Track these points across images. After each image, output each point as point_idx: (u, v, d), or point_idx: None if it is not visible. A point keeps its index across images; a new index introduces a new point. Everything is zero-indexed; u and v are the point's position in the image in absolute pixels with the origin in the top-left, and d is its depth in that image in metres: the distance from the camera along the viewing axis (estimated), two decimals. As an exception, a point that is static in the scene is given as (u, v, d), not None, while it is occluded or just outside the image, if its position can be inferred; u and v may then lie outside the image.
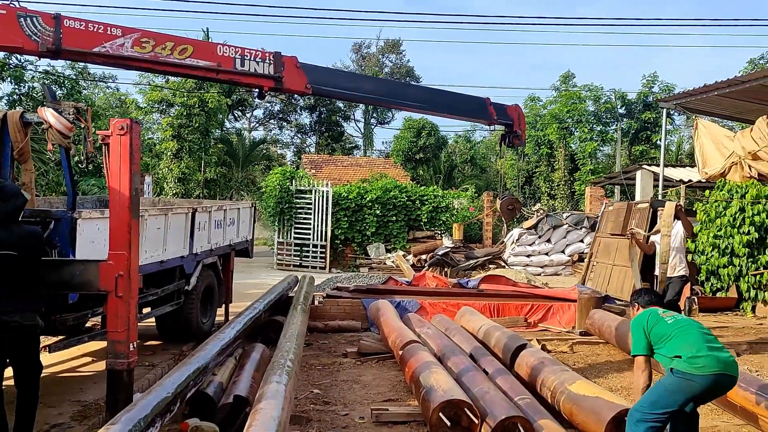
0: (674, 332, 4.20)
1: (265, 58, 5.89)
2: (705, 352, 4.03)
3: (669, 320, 4.31)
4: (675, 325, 4.26)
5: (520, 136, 7.61)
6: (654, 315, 4.39)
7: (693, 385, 4.00)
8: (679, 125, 33.95)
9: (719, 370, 4.01)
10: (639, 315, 4.53)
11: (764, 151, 6.52)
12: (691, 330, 4.20)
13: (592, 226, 18.14)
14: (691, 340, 4.11)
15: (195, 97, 25.64)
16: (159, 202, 11.22)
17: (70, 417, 5.51)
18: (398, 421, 5.33)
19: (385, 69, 48.98)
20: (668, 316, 4.37)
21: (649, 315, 4.41)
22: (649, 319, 4.37)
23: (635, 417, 4.09)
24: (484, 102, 7.32)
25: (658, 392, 4.11)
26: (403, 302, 9.90)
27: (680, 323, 4.28)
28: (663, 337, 4.24)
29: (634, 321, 4.50)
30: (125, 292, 4.79)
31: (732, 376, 4.09)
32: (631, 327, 4.51)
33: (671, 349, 4.15)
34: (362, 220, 20.27)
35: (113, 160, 4.84)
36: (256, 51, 5.89)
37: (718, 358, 4.03)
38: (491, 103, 7.38)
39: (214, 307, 9.27)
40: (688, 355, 4.04)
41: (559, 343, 8.58)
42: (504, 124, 7.58)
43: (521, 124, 7.62)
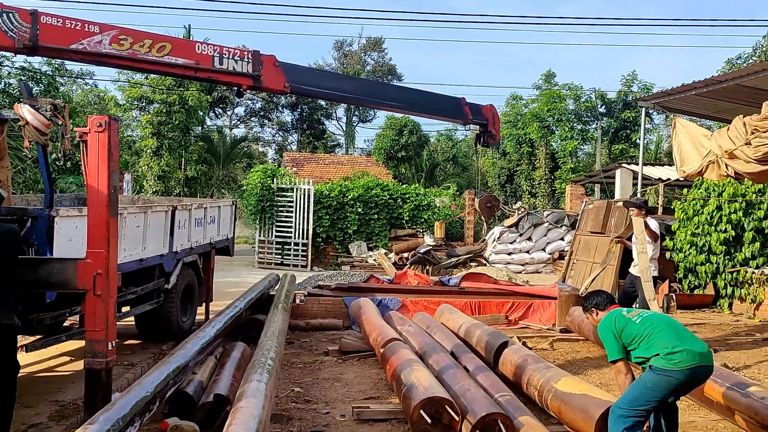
0: (645, 331, 4.22)
1: (244, 56, 5.89)
2: (680, 347, 4.07)
3: (636, 320, 4.32)
4: (644, 324, 4.27)
5: (495, 135, 7.72)
6: (620, 317, 4.38)
7: (672, 381, 4.05)
8: (658, 124, 34.28)
9: (696, 363, 4.06)
10: (604, 320, 4.49)
11: (741, 149, 6.60)
12: (662, 326, 4.23)
13: (572, 224, 18.26)
14: (665, 337, 4.14)
15: (175, 95, 25.44)
16: (138, 200, 11.12)
17: (47, 417, 5.45)
18: (379, 418, 5.34)
19: (367, 67, 48.97)
20: (634, 316, 4.38)
21: (615, 318, 4.39)
22: (616, 321, 4.36)
23: (617, 413, 4.12)
24: (459, 102, 7.40)
25: (639, 389, 4.14)
26: (384, 300, 9.91)
27: (648, 321, 4.29)
28: (635, 337, 4.26)
29: (601, 327, 4.47)
30: (103, 290, 4.75)
31: (709, 366, 4.16)
32: (599, 334, 4.49)
33: (647, 349, 4.18)
34: (344, 218, 20.26)
35: (91, 158, 4.79)
36: (234, 49, 5.88)
37: (694, 351, 4.08)
38: (466, 103, 7.46)
39: (195, 306, 9.21)
40: (665, 351, 4.07)
41: (540, 340, 8.63)
42: (479, 124, 7.67)
43: (496, 124, 7.73)
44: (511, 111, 34.73)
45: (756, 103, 6.96)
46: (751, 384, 5.22)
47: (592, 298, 4.80)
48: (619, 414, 4.10)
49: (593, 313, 4.73)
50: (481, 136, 7.78)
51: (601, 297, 4.76)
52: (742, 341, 8.74)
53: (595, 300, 4.74)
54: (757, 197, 11.20)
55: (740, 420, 5.01)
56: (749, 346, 8.50)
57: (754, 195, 11.25)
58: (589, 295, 4.90)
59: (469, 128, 8.53)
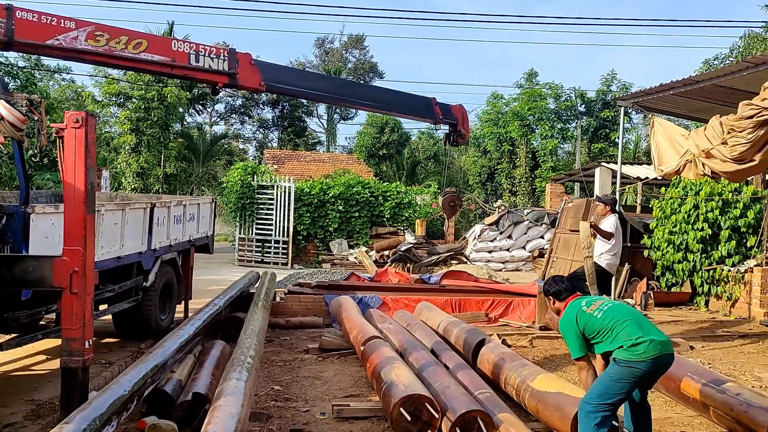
0: (608, 325, 4.22)
1: (220, 54, 5.89)
2: (643, 338, 4.10)
3: (598, 314, 4.30)
4: (606, 317, 4.26)
5: (464, 135, 7.88)
6: (581, 313, 4.36)
7: (636, 371, 4.09)
8: (637, 124, 34.62)
9: (659, 353, 4.11)
10: (565, 317, 4.47)
11: (717, 149, 6.69)
12: (624, 317, 4.23)
13: (552, 223, 18.40)
14: (628, 329, 4.15)
15: (153, 91, 25.21)
16: (116, 197, 11.01)
17: (23, 416, 5.38)
18: (359, 416, 5.34)
19: (348, 65, 48.88)
20: (594, 310, 4.35)
21: (576, 314, 4.37)
22: (578, 318, 4.35)
23: (585, 410, 4.15)
24: (430, 102, 7.51)
25: (605, 383, 4.17)
26: (365, 298, 9.91)
27: (610, 314, 4.27)
28: (598, 332, 4.27)
29: (563, 324, 4.46)
30: (80, 288, 4.70)
31: (670, 354, 4.21)
32: (561, 331, 4.49)
33: (611, 343, 4.20)
34: (325, 215, 20.22)
35: (68, 154, 4.74)
36: (210, 47, 5.88)
37: (656, 341, 4.12)
38: (437, 103, 7.58)
39: (174, 304, 9.14)
40: (629, 344, 4.11)
41: (520, 338, 8.68)
42: (449, 124, 7.79)
43: (465, 124, 7.88)
44: (492, 109, 34.89)
45: (732, 103, 7.05)
46: (726, 380, 5.29)
47: (551, 285, 4.76)
48: (588, 410, 4.13)
49: (551, 300, 4.78)
50: (451, 136, 7.93)
51: (559, 286, 4.71)
52: (718, 338, 8.87)
53: (554, 288, 4.72)
54: (733, 196, 11.36)
55: (716, 416, 5.08)
56: (725, 343, 8.62)
57: (731, 194, 11.40)
58: (549, 282, 4.83)
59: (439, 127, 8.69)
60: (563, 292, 4.67)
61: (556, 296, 4.71)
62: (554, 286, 4.72)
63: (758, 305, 10.49)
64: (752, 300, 10.65)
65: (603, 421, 4.08)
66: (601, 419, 4.07)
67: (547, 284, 4.82)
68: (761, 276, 10.51)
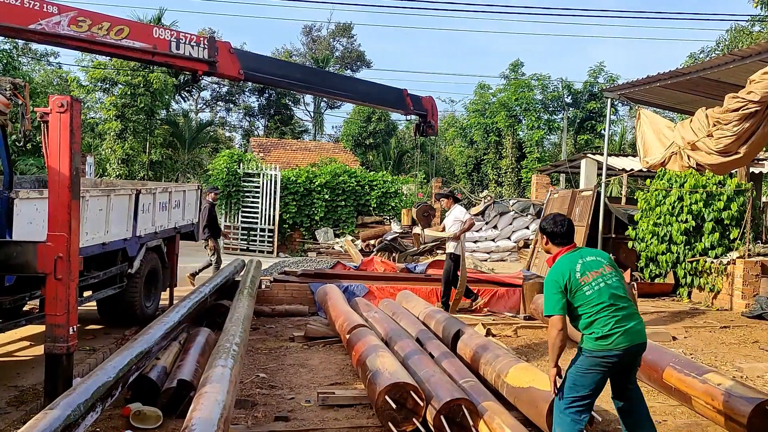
0: (591, 309, 3.99)
1: (200, 42, 5.90)
2: (614, 330, 3.94)
3: (587, 291, 4.00)
4: (593, 300, 3.99)
5: (433, 126, 8.04)
6: (573, 278, 4.02)
7: (605, 362, 3.96)
8: (623, 116, 34.83)
9: (628, 344, 3.96)
10: (556, 270, 4.12)
11: (703, 141, 6.73)
12: (607, 302, 3.99)
13: (537, 213, 18.49)
14: (604, 319, 3.96)
15: (139, 77, 24.96)
16: (101, 184, 10.91)
17: (6, 402, 5.34)
18: (345, 404, 5.36)
19: (336, 53, 48.65)
20: (585, 284, 4.02)
21: (569, 274, 4.04)
22: (570, 280, 4.02)
23: (559, 407, 4.04)
24: (401, 93, 7.62)
25: (573, 376, 4.04)
26: (350, 287, 9.91)
27: (597, 299, 3.99)
28: (579, 308, 4.03)
29: (550, 277, 4.12)
30: (65, 274, 4.67)
31: (641, 343, 4.06)
32: (546, 283, 4.15)
33: (585, 326, 4.02)
34: (311, 204, 20.19)
35: (52, 139, 4.70)
36: (191, 35, 5.89)
37: (626, 332, 3.96)
38: (408, 94, 7.71)
39: (158, 291, 9.10)
40: (598, 335, 3.96)
41: (504, 327, 8.73)
42: (419, 115, 7.89)
43: (434, 115, 8.02)
44: (479, 100, 34.92)
45: (718, 96, 7.11)
46: (708, 370, 5.36)
47: (550, 224, 4.29)
48: (561, 407, 4.00)
49: (543, 239, 4.35)
50: (420, 126, 8.05)
51: (558, 228, 4.26)
52: (700, 329, 8.96)
53: (551, 228, 4.27)
54: (717, 188, 11.46)
55: (698, 405, 5.15)
56: (707, 333, 8.72)
57: (715, 186, 11.51)
58: (549, 219, 4.34)
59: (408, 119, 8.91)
60: (560, 236, 4.25)
61: (550, 237, 4.27)
62: (552, 226, 4.27)
63: (740, 297, 10.62)
64: (734, 292, 10.78)
65: (577, 417, 3.95)
66: (575, 414, 3.95)
67: (546, 221, 4.34)
68: (743, 268, 10.63)
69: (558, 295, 4.03)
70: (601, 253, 4.34)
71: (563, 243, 4.25)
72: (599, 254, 4.28)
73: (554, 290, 4.05)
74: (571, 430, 3.95)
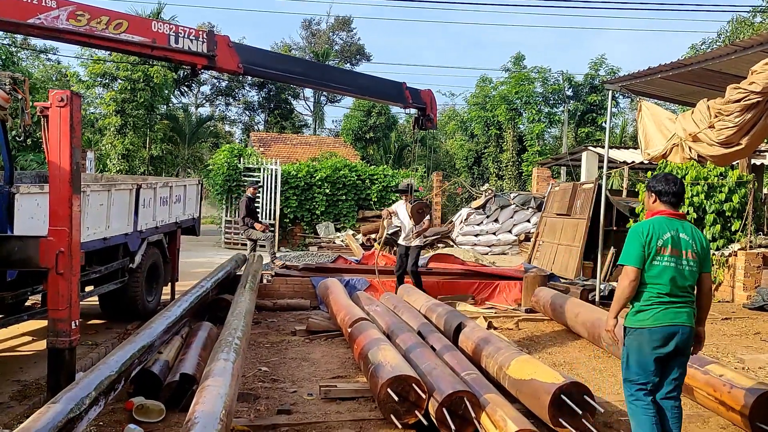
0: (654, 280, 3.89)
1: (199, 36, 5.88)
2: (656, 308, 3.87)
3: (656, 263, 3.89)
4: (660, 274, 3.88)
5: (432, 119, 8.02)
6: (654, 243, 3.88)
7: (644, 339, 3.88)
8: (624, 108, 34.79)
9: (660, 324, 3.87)
10: (645, 224, 3.97)
11: (704, 133, 6.71)
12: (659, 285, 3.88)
13: (538, 207, 18.45)
14: (651, 293, 3.89)
15: (139, 71, 24.92)
16: (102, 179, 10.91)
17: (9, 397, 5.35)
18: (347, 397, 5.36)
19: (335, 47, 48.56)
20: (665, 256, 3.88)
21: (652, 237, 3.89)
22: (649, 244, 3.89)
23: (628, 399, 3.98)
24: (401, 86, 7.61)
25: (626, 357, 4.00)
26: (352, 281, 9.93)
27: (664, 277, 3.88)
28: (647, 273, 3.91)
29: (637, 228, 3.98)
30: (66, 269, 4.67)
31: (680, 325, 3.90)
32: (630, 233, 4.01)
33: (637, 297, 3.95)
34: (311, 199, 20.17)
35: (53, 134, 4.69)
36: (190, 29, 5.86)
37: (668, 311, 3.87)
38: (407, 87, 7.69)
39: (160, 286, 9.10)
40: (637, 308, 3.92)
41: (506, 320, 8.74)
42: (418, 108, 7.88)
43: (433, 109, 8.00)
44: (479, 93, 34.85)
45: (720, 87, 7.07)
46: (710, 362, 5.36)
47: (661, 182, 4.07)
48: (630, 397, 3.95)
49: (652, 198, 4.12)
50: (419, 120, 8.03)
51: (669, 187, 4.03)
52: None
53: (661, 187, 4.05)
54: (719, 180, 11.45)
55: (699, 396, 5.15)
56: (708, 325, 8.66)
57: (716, 178, 11.49)
58: (661, 178, 4.11)
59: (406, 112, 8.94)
60: (669, 194, 4.03)
61: (658, 194, 4.06)
62: (663, 184, 4.05)
63: (741, 288, 10.62)
64: (735, 283, 10.78)
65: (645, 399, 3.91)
66: (641, 395, 3.92)
67: (656, 179, 4.13)
68: (745, 260, 10.63)
69: (639, 248, 3.90)
70: (701, 238, 4.06)
71: (671, 202, 4.04)
72: (697, 238, 4.03)
73: (636, 241, 3.92)
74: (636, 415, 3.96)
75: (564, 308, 8.07)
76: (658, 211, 4.06)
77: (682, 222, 4.04)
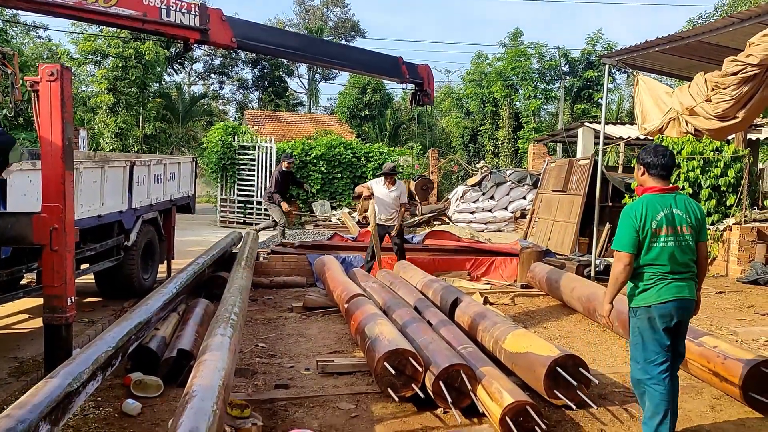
0: (654, 262, 3.86)
1: (191, 9, 5.77)
2: (659, 284, 3.86)
3: (659, 243, 3.84)
4: (659, 256, 3.85)
5: (429, 94, 7.94)
6: (648, 225, 3.83)
7: (652, 315, 3.87)
8: (620, 84, 34.65)
9: (669, 299, 3.86)
10: (636, 206, 3.91)
11: (701, 106, 6.68)
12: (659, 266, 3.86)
13: (534, 183, 18.47)
14: (652, 273, 3.87)
15: (131, 48, 24.66)
16: (95, 157, 10.84)
17: (7, 373, 5.36)
18: (344, 371, 5.39)
19: (329, 23, 48.14)
20: (660, 236, 3.84)
21: (645, 220, 3.85)
22: (643, 228, 3.83)
23: (648, 374, 3.90)
24: (397, 61, 7.54)
25: (636, 339, 3.97)
26: (348, 258, 9.93)
27: (663, 258, 3.85)
28: (643, 255, 3.87)
29: (630, 210, 3.92)
30: (61, 245, 4.65)
31: (684, 299, 3.92)
32: (623, 214, 3.94)
33: (635, 276, 3.92)
34: (307, 177, 20.11)
35: (44, 109, 4.64)
36: (181, 2, 5.76)
37: (669, 289, 3.86)
38: (404, 62, 7.61)
39: (156, 264, 9.10)
40: (641, 289, 3.90)
41: (502, 296, 8.77)
42: (415, 83, 7.82)
43: (431, 84, 7.93)
44: (475, 70, 34.64)
45: (718, 61, 7.03)
46: (704, 334, 5.39)
47: (651, 155, 3.98)
48: (649, 381, 3.88)
49: (641, 170, 4.05)
50: (416, 95, 7.97)
51: (659, 159, 3.95)
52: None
53: (651, 159, 3.97)
54: (714, 155, 11.44)
55: (693, 368, 5.18)
56: (702, 299, 8.68)
57: (712, 153, 11.48)
58: (651, 150, 4.02)
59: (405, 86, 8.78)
60: (657, 167, 3.96)
61: (647, 167, 3.99)
62: (652, 157, 3.97)
63: (735, 263, 10.66)
64: (730, 258, 10.82)
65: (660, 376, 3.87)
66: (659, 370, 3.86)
67: (645, 151, 4.04)
68: (739, 234, 10.66)
69: (633, 232, 3.85)
70: (694, 209, 3.99)
71: (660, 176, 3.96)
72: (691, 210, 3.95)
73: (629, 226, 3.87)
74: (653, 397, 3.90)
75: (559, 283, 8.10)
76: (648, 187, 4.00)
77: (674, 195, 3.98)
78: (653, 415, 3.88)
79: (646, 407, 3.95)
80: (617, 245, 3.91)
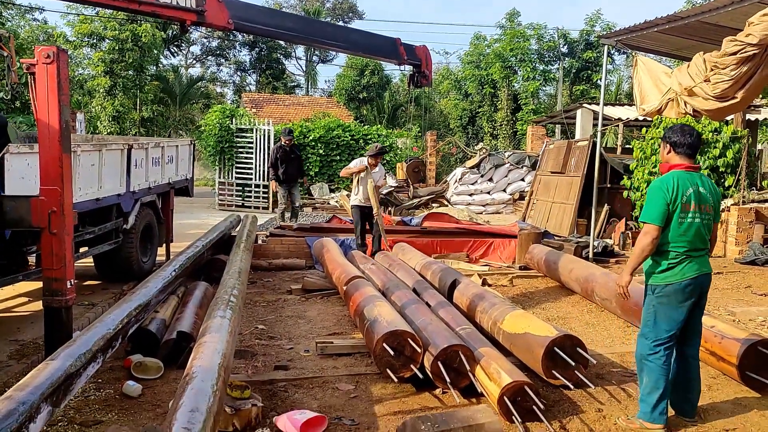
0: (679, 238, 3.90)
1: None
2: (683, 263, 3.92)
3: (686, 219, 3.89)
4: (685, 234, 3.90)
5: (428, 76, 7.90)
6: (679, 199, 3.86)
7: (671, 292, 3.93)
8: (619, 65, 34.47)
9: (692, 275, 3.93)
10: (668, 180, 3.93)
11: (700, 87, 6.66)
12: (684, 241, 3.92)
13: (533, 165, 18.43)
14: (677, 252, 3.91)
15: (127, 31, 24.48)
16: (93, 140, 10.81)
17: (7, 356, 5.38)
18: (343, 353, 5.42)
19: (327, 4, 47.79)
20: (689, 212, 3.89)
21: (677, 193, 3.87)
22: (674, 201, 3.86)
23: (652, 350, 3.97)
24: (395, 42, 7.50)
25: (651, 316, 4.01)
26: (347, 240, 9.93)
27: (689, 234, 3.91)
28: (670, 232, 3.91)
29: (659, 185, 3.93)
30: (59, 228, 4.65)
31: (706, 274, 4.02)
32: (651, 187, 3.97)
33: (658, 252, 3.95)
34: (305, 159, 20.06)
35: (40, 91, 4.61)
36: None
37: (692, 266, 3.93)
38: (402, 43, 7.58)
39: (155, 247, 9.11)
40: (663, 267, 3.94)
41: (500, 277, 8.80)
42: (413, 65, 7.78)
43: (429, 65, 7.89)
44: (474, 51, 34.44)
45: (717, 41, 6.99)
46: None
47: (677, 134, 4.02)
48: (653, 356, 3.97)
49: (667, 148, 4.08)
50: (414, 77, 7.92)
51: (685, 138, 3.99)
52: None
53: (677, 138, 4.01)
54: (713, 136, 11.42)
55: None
56: (700, 280, 8.77)
57: (710, 134, 11.46)
58: (677, 129, 4.06)
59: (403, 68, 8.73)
60: (684, 146, 4.00)
61: (673, 145, 4.02)
62: (679, 135, 4.00)
63: (734, 243, 10.69)
64: (728, 238, 10.85)
65: (667, 357, 3.96)
66: (664, 352, 3.96)
67: (672, 129, 4.08)
68: (738, 215, 10.68)
69: (664, 205, 3.87)
70: (714, 189, 4.08)
71: (687, 154, 4.01)
72: (713, 190, 4.05)
73: (660, 198, 3.89)
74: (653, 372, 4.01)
75: (558, 265, 8.12)
76: (675, 164, 4.03)
77: (700, 175, 4.04)
78: (652, 391, 3.96)
79: (645, 383, 4.02)
80: (646, 217, 3.95)
